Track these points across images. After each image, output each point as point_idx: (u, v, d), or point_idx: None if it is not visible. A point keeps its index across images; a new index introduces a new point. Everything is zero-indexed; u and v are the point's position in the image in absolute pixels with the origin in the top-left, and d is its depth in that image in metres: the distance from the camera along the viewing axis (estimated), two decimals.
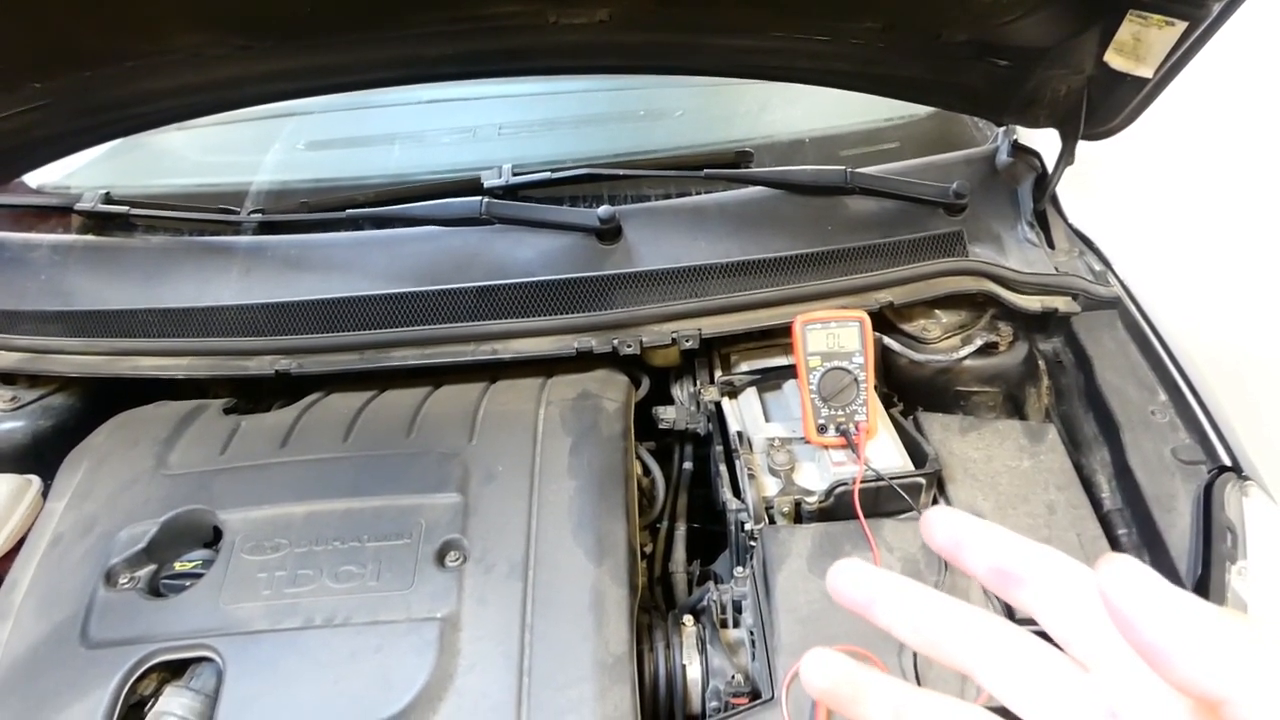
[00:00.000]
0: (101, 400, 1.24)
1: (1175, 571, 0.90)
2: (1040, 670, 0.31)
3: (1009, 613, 0.84)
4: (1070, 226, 1.28)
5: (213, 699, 0.83)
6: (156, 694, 0.86)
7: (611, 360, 1.17)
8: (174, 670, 0.88)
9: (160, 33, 0.96)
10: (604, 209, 1.18)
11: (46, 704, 0.84)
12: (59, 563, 0.98)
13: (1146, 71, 0.97)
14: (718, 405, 1.17)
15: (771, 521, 0.98)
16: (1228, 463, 0.97)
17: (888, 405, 1.15)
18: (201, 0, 0.94)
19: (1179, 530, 0.92)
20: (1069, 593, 0.31)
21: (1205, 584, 0.85)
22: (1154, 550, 0.94)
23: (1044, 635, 0.32)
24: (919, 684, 0.78)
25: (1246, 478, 0.94)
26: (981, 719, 0.31)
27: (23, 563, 0.99)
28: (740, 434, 1.09)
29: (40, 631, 0.91)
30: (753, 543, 0.95)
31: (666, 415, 1.19)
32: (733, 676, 0.87)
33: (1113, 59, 0.98)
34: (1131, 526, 0.98)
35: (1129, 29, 0.94)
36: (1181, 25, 0.89)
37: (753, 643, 0.89)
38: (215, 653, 0.86)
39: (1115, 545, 0.96)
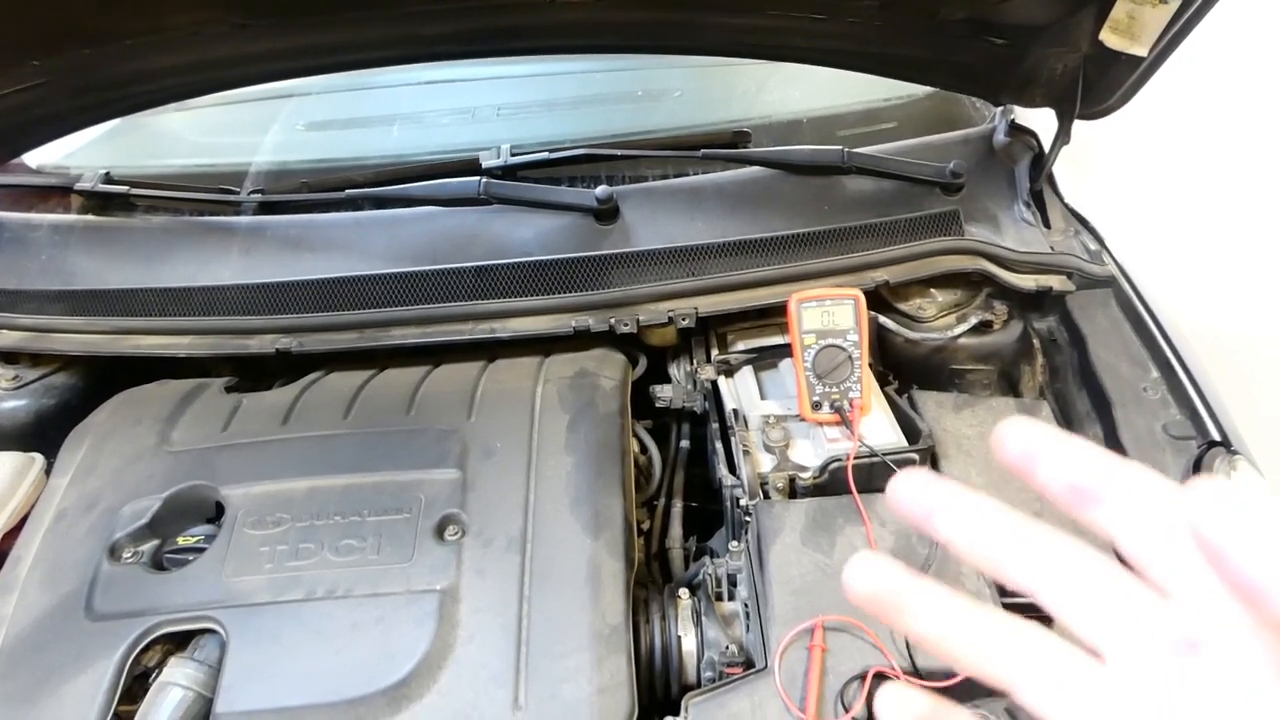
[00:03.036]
0: (103, 379, 1.25)
1: None
2: (1112, 594, 0.28)
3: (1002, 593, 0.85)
4: (1066, 206, 1.29)
5: (216, 669, 0.85)
6: (161, 665, 0.88)
7: (609, 339, 1.18)
8: (178, 642, 0.90)
9: (159, 10, 0.97)
10: (602, 189, 1.18)
11: (52, 676, 0.85)
12: (63, 538, 0.99)
13: (1141, 50, 0.97)
14: (714, 383, 1.18)
15: (766, 497, 0.99)
16: (1217, 438, 0.98)
17: (883, 383, 1.16)
18: None
19: None
20: (1151, 511, 0.28)
21: None
22: None
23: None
24: (909, 653, 0.80)
25: (1235, 452, 0.95)
26: (1036, 635, 0.30)
27: (27, 538, 1.00)
28: (736, 412, 1.10)
29: (45, 605, 0.92)
30: (748, 518, 0.97)
31: (663, 394, 1.20)
32: (727, 647, 0.89)
33: (1108, 38, 0.98)
34: None
35: (1123, 7, 0.94)
36: (1175, 4, 0.89)
37: (747, 615, 0.91)
38: (218, 624, 0.87)
39: None
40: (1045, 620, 0.32)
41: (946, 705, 0.32)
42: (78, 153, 1.58)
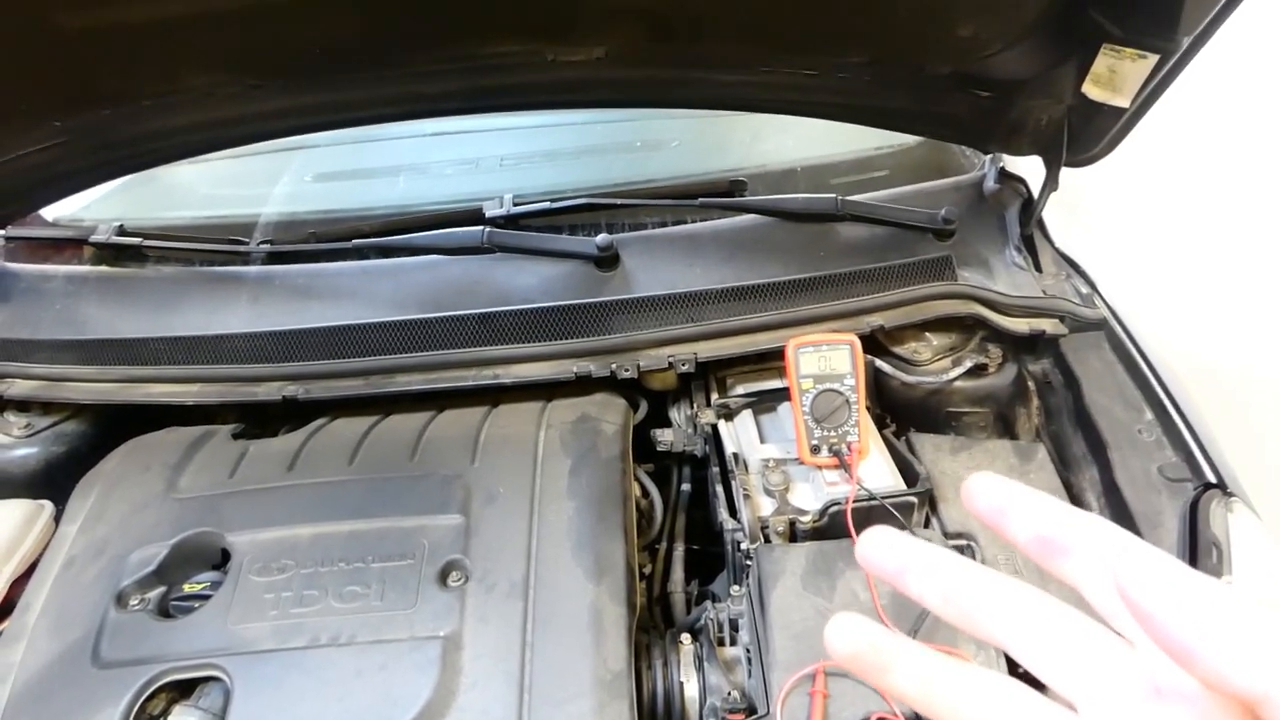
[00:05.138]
0: (113, 426, 1.27)
1: None
2: (1080, 643, 0.29)
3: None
4: (1057, 250, 1.32)
5: (220, 717, 0.85)
6: (166, 713, 0.88)
7: (610, 384, 1.20)
8: (183, 689, 0.90)
9: (176, 73, 1.01)
10: (602, 237, 1.21)
11: None
12: (71, 585, 1.00)
13: (1123, 101, 1.00)
14: (714, 427, 1.19)
15: (767, 541, 1.00)
16: (1213, 480, 0.99)
17: (880, 426, 1.18)
18: (215, 42, 0.98)
19: (1165, 546, 0.94)
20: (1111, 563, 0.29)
21: None
22: None
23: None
24: None
25: (1231, 494, 0.96)
26: (1013, 690, 0.30)
27: (36, 585, 1.01)
28: (736, 455, 1.11)
29: (53, 652, 0.93)
30: (749, 562, 0.97)
31: (664, 437, 1.21)
32: (729, 693, 0.89)
33: (1090, 90, 1.02)
34: None
35: (1104, 62, 0.97)
36: (1154, 58, 0.92)
37: (749, 660, 0.91)
38: (223, 672, 0.88)
39: None
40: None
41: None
42: (92, 205, 1.62)
